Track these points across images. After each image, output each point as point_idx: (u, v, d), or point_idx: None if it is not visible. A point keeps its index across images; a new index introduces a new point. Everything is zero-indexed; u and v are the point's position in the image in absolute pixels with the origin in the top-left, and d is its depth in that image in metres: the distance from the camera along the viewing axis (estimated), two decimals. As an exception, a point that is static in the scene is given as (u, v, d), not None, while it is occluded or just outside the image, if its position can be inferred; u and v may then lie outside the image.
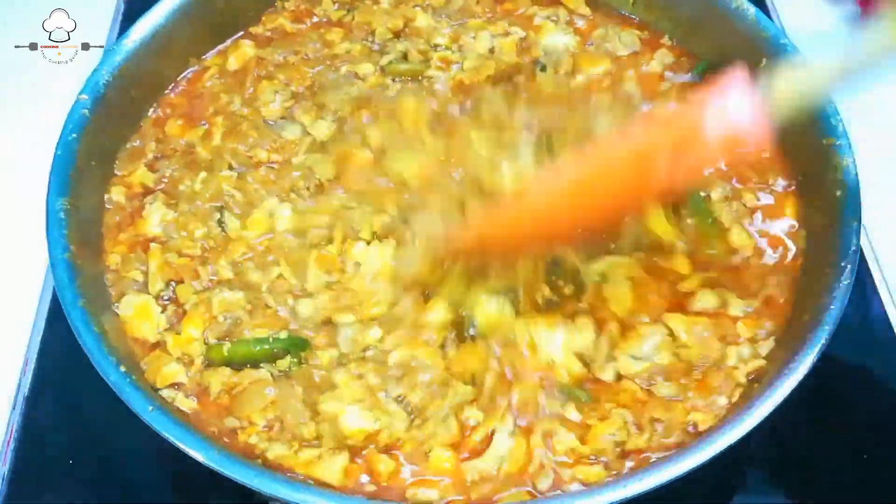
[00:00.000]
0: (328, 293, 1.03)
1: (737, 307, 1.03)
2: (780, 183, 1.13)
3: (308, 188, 1.13)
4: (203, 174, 1.14)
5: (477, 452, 0.93)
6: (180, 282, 1.06)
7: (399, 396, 0.95)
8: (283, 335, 0.99)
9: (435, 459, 0.92)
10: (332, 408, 0.94)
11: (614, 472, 0.91)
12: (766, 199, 1.12)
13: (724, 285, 1.04)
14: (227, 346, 0.99)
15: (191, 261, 1.07)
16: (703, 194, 1.09)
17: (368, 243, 1.05)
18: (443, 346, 0.99)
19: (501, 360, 0.98)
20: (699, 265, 1.06)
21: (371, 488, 0.90)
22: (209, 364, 0.99)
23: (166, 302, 1.04)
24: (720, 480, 1.09)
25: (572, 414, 0.95)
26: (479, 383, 0.97)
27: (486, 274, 1.01)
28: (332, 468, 0.90)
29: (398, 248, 1.04)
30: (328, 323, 1.01)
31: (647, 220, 1.00)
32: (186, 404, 0.96)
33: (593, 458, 0.92)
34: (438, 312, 1.00)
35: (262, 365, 0.98)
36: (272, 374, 0.97)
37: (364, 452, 0.92)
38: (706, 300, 1.03)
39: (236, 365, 0.98)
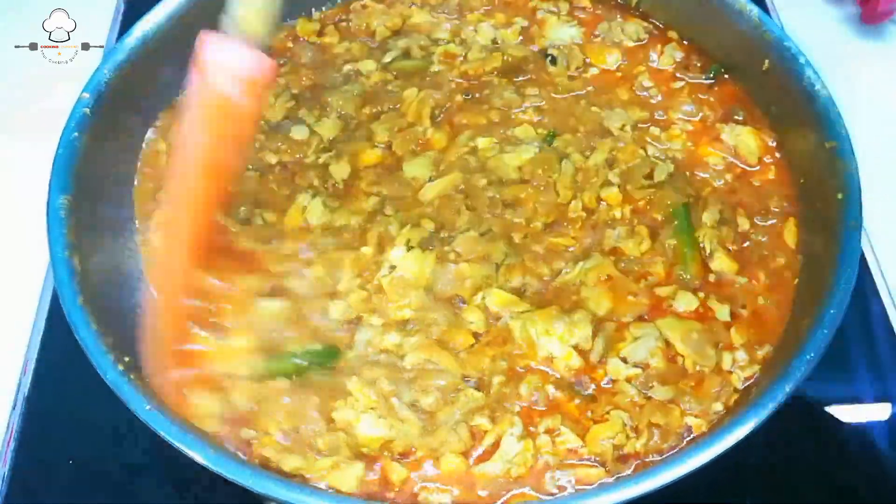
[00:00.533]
0: (360, 293, 1.03)
1: (723, 312, 1.03)
2: (782, 208, 1.13)
3: (326, 187, 1.13)
4: None
5: (486, 455, 0.93)
6: None
7: (412, 402, 0.95)
8: (318, 347, 0.98)
9: (445, 465, 0.92)
10: (346, 416, 0.93)
11: (613, 475, 0.91)
12: (764, 225, 1.11)
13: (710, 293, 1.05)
14: (267, 363, 0.97)
15: None
16: (693, 216, 1.09)
17: (408, 250, 1.05)
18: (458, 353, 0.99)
19: (507, 359, 0.99)
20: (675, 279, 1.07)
21: (389, 495, 0.91)
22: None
23: None
24: (719, 481, 1.09)
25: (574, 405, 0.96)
26: (486, 385, 0.97)
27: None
28: (348, 478, 0.90)
29: (439, 264, 1.04)
30: (354, 322, 1.01)
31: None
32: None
33: (592, 459, 0.92)
34: (475, 318, 1.01)
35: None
36: (290, 382, 0.96)
37: (380, 462, 0.92)
38: (685, 302, 1.03)
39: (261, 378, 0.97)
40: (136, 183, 1.17)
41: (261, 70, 0.84)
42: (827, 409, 1.14)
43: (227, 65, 0.83)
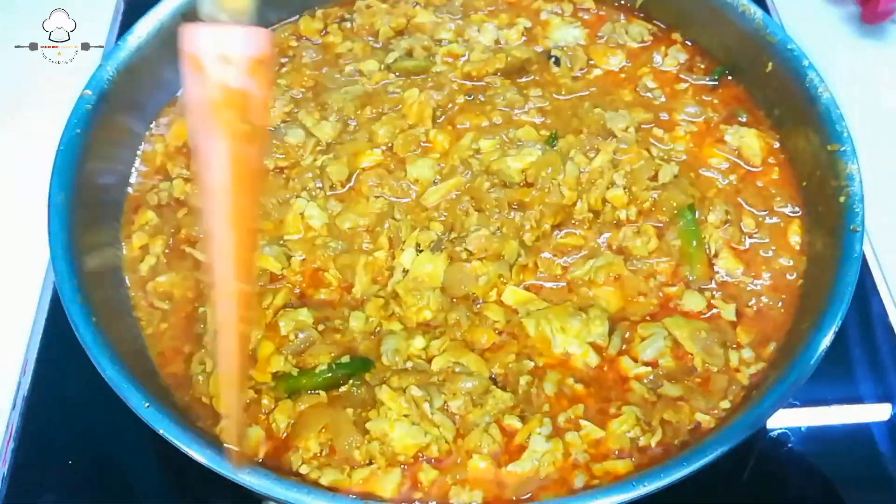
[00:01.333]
0: (377, 301, 1.03)
1: (729, 311, 1.03)
2: (786, 209, 1.13)
3: (322, 188, 1.13)
4: None
5: (514, 455, 0.93)
6: None
7: (443, 405, 0.95)
8: (346, 359, 0.98)
9: (473, 466, 0.92)
10: (380, 426, 0.92)
11: (640, 467, 0.91)
12: (768, 225, 1.12)
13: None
14: (295, 378, 0.97)
15: None
16: (698, 216, 1.10)
17: (419, 252, 1.05)
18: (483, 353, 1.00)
19: (530, 357, 0.99)
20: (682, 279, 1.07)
21: (417, 496, 0.91)
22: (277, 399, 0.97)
23: None
24: (719, 481, 1.09)
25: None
26: (513, 385, 0.97)
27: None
28: (386, 486, 0.90)
29: (452, 263, 1.04)
30: (375, 333, 1.01)
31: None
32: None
33: (616, 453, 0.93)
34: (497, 315, 1.01)
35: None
36: (325, 396, 0.96)
37: (414, 467, 0.92)
38: (692, 302, 1.04)
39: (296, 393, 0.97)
40: (133, 181, 1.17)
41: (257, 45, 0.73)
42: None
43: (219, 50, 0.71)
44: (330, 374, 0.97)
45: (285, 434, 0.94)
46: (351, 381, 0.97)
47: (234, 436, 0.83)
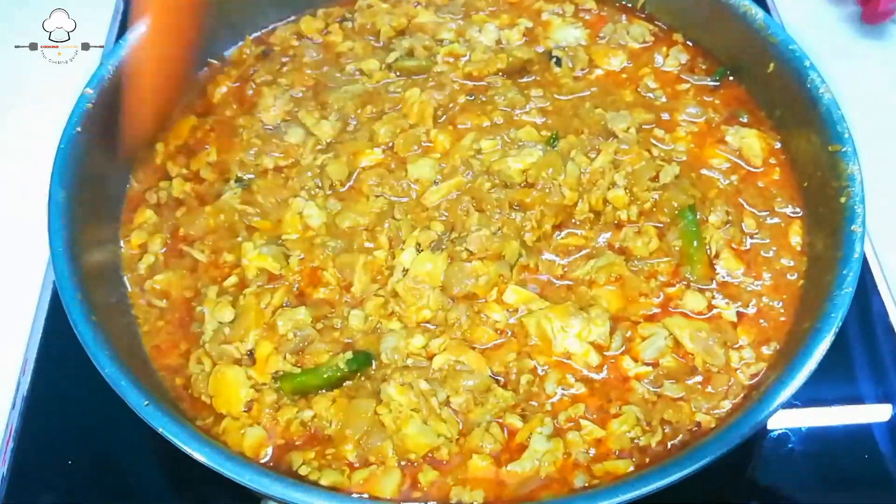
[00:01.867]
0: (376, 300, 1.03)
1: (729, 311, 1.04)
2: (787, 209, 1.13)
3: (321, 188, 1.13)
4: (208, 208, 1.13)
5: (514, 455, 0.93)
6: None
7: (446, 400, 0.95)
8: (349, 355, 0.97)
9: (472, 465, 0.92)
10: (391, 423, 0.92)
11: (640, 467, 0.91)
12: (769, 226, 1.12)
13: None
14: (297, 377, 0.97)
15: None
16: (699, 217, 1.09)
17: (419, 252, 1.05)
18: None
19: (531, 356, 0.99)
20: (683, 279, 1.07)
21: (417, 495, 0.90)
22: (279, 401, 0.96)
23: None
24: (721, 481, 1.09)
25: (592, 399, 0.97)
26: (514, 384, 0.97)
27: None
28: (387, 487, 0.90)
29: (452, 263, 1.04)
30: (374, 332, 1.01)
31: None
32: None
33: (617, 452, 0.93)
34: (498, 315, 1.01)
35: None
36: (330, 395, 0.96)
37: (417, 464, 0.92)
38: (693, 302, 1.04)
39: (303, 393, 0.97)
40: (133, 180, 1.17)
41: None
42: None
43: None
44: (336, 372, 0.96)
45: (292, 436, 0.94)
46: (359, 378, 0.97)
47: None
